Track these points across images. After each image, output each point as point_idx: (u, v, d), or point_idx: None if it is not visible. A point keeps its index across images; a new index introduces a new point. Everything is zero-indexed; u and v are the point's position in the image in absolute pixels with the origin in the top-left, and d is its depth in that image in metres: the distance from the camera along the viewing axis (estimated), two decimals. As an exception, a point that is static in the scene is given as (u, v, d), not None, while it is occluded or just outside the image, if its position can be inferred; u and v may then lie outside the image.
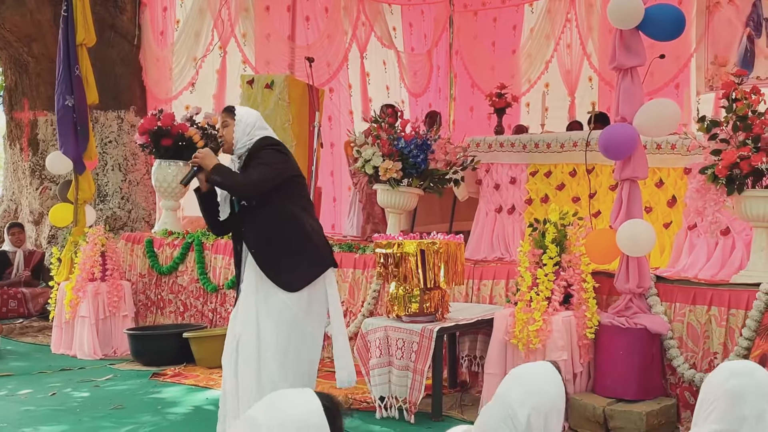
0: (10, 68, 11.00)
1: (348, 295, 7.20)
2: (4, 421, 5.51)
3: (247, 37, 10.31)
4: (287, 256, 4.55)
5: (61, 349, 7.82)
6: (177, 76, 9.87)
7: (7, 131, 11.61)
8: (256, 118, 4.70)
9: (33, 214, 10.93)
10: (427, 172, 7.30)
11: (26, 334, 8.89)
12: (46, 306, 8.95)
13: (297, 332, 4.55)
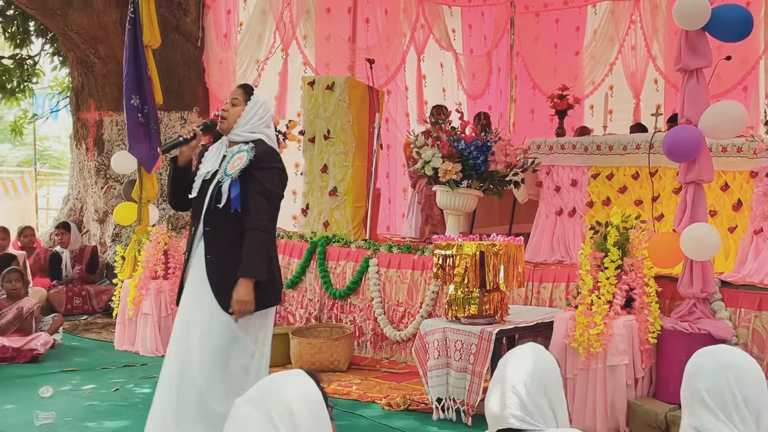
0: (76, 69, 11.22)
1: (407, 296, 7.21)
2: (69, 416, 5.62)
3: (308, 39, 10.38)
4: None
5: (124, 346, 7.95)
6: (240, 78, 9.96)
7: (73, 131, 11.86)
8: (266, 113, 4.48)
9: (98, 212, 11.14)
10: (487, 173, 7.27)
11: (90, 330, 9.06)
12: (109, 303, 9.10)
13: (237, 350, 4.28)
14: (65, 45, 11.27)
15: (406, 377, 6.66)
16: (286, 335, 7.20)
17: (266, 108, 4.50)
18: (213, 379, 4.22)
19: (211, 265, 4.28)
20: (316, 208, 8.34)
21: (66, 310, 9.59)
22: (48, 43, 13.07)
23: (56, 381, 6.62)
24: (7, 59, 13.07)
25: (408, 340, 7.07)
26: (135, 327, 7.91)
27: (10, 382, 6.70)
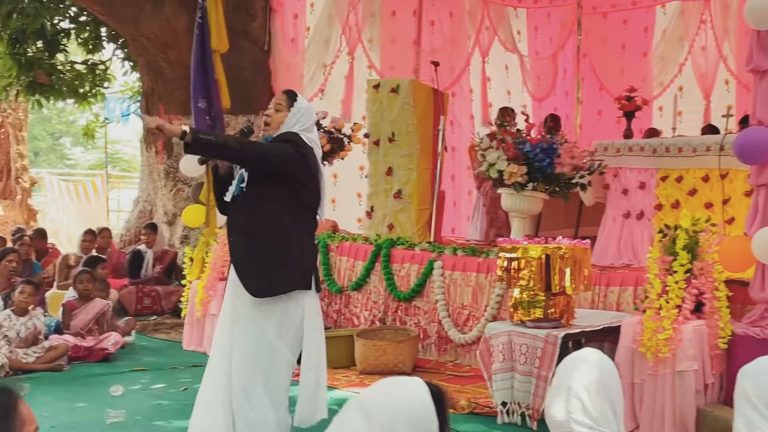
0: (147, 74, 11.44)
1: (471, 299, 7.19)
2: (139, 414, 5.73)
3: (374, 43, 10.42)
4: (261, 260, 4.28)
5: (192, 346, 8.07)
6: (307, 82, 10.04)
7: (143, 135, 12.09)
8: (309, 119, 4.47)
9: (167, 215, 11.34)
10: (553, 176, 7.21)
11: (159, 330, 9.22)
12: (178, 304, 9.25)
13: (266, 348, 4.29)
14: (136, 50, 11.49)
15: (471, 380, 6.64)
16: (351, 337, 7.24)
17: (310, 114, 4.51)
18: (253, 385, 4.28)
19: (233, 248, 4.38)
20: (380, 211, 8.36)
21: (136, 310, 9.77)
22: (119, 49, 13.35)
23: (127, 380, 6.76)
24: (79, 64, 13.39)
25: (472, 343, 7.04)
26: (203, 327, 8.02)
27: (83, 380, 6.87)
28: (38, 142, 40.44)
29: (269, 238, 4.28)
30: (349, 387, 6.57)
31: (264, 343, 4.28)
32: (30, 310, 7.39)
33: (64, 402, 6.13)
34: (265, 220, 4.29)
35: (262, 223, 4.30)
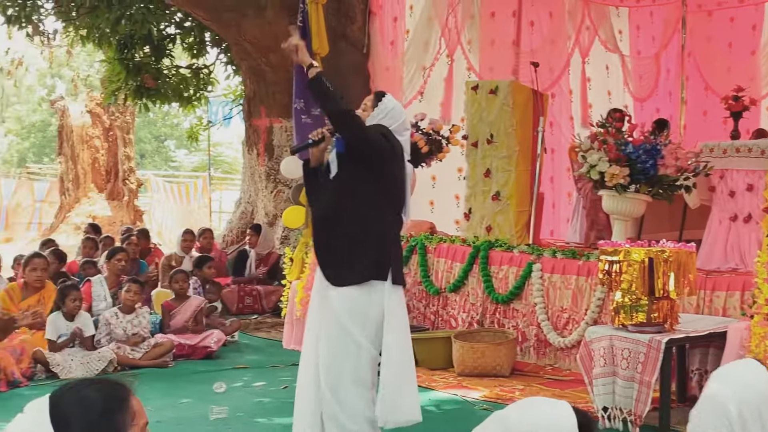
0: (249, 78, 11.67)
1: (571, 302, 7.09)
2: (240, 411, 5.85)
3: (473, 44, 10.39)
4: (340, 248, 4.35)
5: (292, 345, 8.17)
6: (407, 85, 10.06)
7: (246, 137, 12.33)
8: (395, 120, 4.50)
9: (267, 216, 11.54)
10: (656, 178, 7.06)
11: (260, 329, 9.39)
12: (278, 303, 9.40)
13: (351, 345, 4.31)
14: (238, 54, 11.74)
15: (571, 385, 6.55)
16: (448, 339, 7.23)
17: (396, 114, 4.54)
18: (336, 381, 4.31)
19: (316, 236, 4.48)
20: (478, 213, 8.33)
21: (237, 309, 9.99)
22: (222, 53, 13.65)
23: (229, 377, 6.90)
24: (184, 69, 13.73)
25: (572, 347, 6.95)
26: (302, 327, 8.09)
27: (187, 377, 7.05)
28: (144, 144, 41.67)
29: (348, 228, 4.36)
30: (447, 389, 6.57)
31: (348, 340, 4.32)
32: (136, 308, 7.62)
33: (169, 398, 6.30)
34: (346, 210, 4.38)
35: (342, 213, 4.38)
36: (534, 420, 2.04)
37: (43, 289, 7.42)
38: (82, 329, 7.15)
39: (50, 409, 1.96)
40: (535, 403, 2.12)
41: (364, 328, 4.31)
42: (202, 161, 35.63)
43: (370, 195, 4.38)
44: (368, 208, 4.38)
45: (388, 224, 4.49)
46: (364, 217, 4.37)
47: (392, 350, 4.36)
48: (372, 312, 4.33)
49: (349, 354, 4.30)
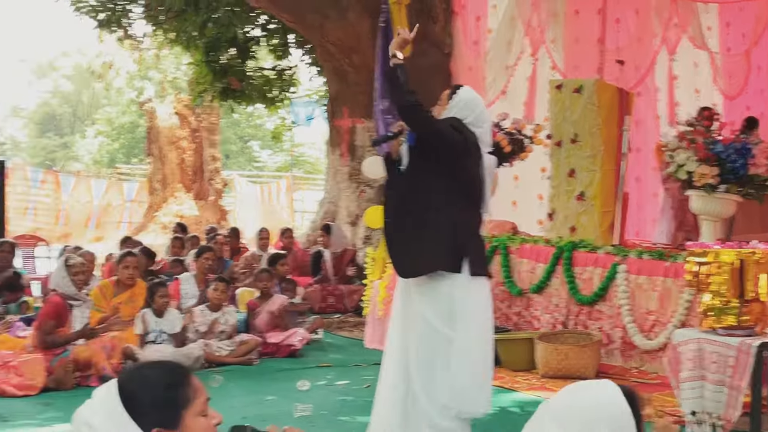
0: (332, 79, 11.78)
1: (658, 305, 6.96)
2: (324, 409, 5.90)
3: (557, 43, 10.29)
4: (409, 239, 4.35)
5: (374, 344, 8.22)
6: (490, 84, 10.03)
7: (328, 137, 12.45)
8: (470, 112, 4.46)
9: (350, 215, 11.62)
10: (747, 177, 6.88)
11: (342, 328, 9.47)
12: (360, 303, 9.47)
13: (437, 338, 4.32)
14: (322, 56, 11.86)
15: (657, 388, 6.43)
16: (531, 340, 7.18)
17: (471, 106, 4.51)
18: (428, 379, 4.31)
19: (387, 228, 4.47)
20: (562, 213, 8.25)
21: (320, 308, 10.09)
22: (306, 55, 13.82)
23: (312, 375, 6.98)
24: (268, 70, 13.95)
25: (659, 349, 6.82)
26: (384, 326, 8.15)
27: (271, 375, 7.15)
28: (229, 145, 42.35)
29: (417, 219, 4.36)
30: (531, 390, 6.52)
31: (437, 337, 4.33)
32: (223, 306, 7.77)
33: (255, 395, 6.40)
34: (415, 202, 4.37)
35: (411, 205, 4.38)
36: (586, 405, 2.04)
37: (135, 286, 7.61)
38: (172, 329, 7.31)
39: (118, 389, 2.10)
40: (581, 387, 2.13)
41: (449, 322, 4.32)
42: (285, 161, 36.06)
43: (440, 188, 4.37)
44: (438, 201, 4.37)
45: (462, 217, 4.45)
46: (433, 209, 4.36)
47: (468, 343, 4.35)
48: (455, 306, 4.33)
49: (439, 351, 4.32)
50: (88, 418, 2.07)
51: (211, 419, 2.19)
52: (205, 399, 2.19)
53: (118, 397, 2.08)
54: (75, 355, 6.58)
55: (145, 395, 2.09)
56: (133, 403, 2.07)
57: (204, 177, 21.11)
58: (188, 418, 2.12)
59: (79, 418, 2.10)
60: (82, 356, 6.59)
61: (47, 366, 6.51)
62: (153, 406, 2.08)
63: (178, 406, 2.12)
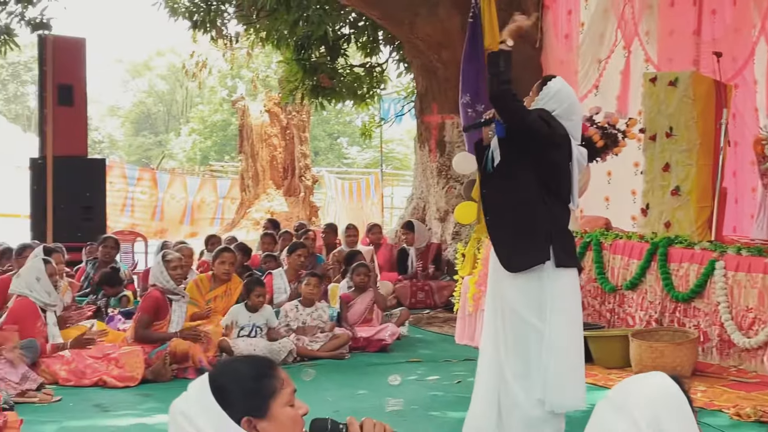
0: (421, 75, 11.79)
1: (757, 302, 6.77)
2: (415, 404, 5.93)
3: (650, 35, 10.08)
4: (510, 235, 4.38)
5: (465, 340, 8.22)
6: (582, 78, 9.89)
7: (417, 134, 12.47)
8: (560, 103, 4.42)
9: (439, 211, 11.62)
10: None
11: (432, 324, 9.49)
12: (450, 298, 9.48)
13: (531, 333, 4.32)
14: (410, 52, 11.88)
15: (757, 387, 6.27)
16: (625, 337, 7.07)
17: (561, 97, 4.46)
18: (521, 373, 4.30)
19: (489, 224, 4.51)
20: (656, 208, 8.09)
21: (410, 304, 10.12)
22: (395, 51, 13.86)
23: (403, 370, 7.02)
24: (358, 67, 14.03)
25: (758, 348, 6.64)
26: (474, 322, 8.15)
27: (362, 369, 7.22)
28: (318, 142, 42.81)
29: (512, 215, 4.39)
30: (624, 388, 6.41)
31: (528, 330, 4.32)
32: (316, 301, 7.86)
33: (346, 388, 6.47)
34: (509, 197, 4.40)
35: (506, 200, 4.42)
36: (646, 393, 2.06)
37: (230, 281, 7.77)
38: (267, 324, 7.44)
39: (210, 382, 2.22)
40: (637, 379, 2.14)
41: (541, 315, 4.31)
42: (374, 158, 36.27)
43: (530, 181, 4.38)
44: (529, 194, 4.38)
45: (551, 209, 4.44)
46: (525, 203, 4.39)
47: (557, 334, 4.32)
48: (544, 298, 4.32)
49: (530, 343, 4.30)
50: (184, 408, 2.20)
51: (297, 409, 2.29)
52: (291, 390, 2.28)
53: (210, 389, 2.19)
54: (172, 348, 6.76)
55: (234, 386, 2.20)
56: (223, 394, 2.18)
57: (294, 174, 21.39)
58: (275, 408, 2.23)
59: (175, 408, 2.22)
60: (179, 349, 6.76)
61: (146, 358, 6.70)
62: (241, 397, 2.19)
63: (266, 396, 2.22)
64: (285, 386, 2.26)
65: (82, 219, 12.38)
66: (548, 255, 4.33)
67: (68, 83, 12.66)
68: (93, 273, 9.47)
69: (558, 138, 4.38)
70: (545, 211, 4.40)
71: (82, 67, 13.04)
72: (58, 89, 12.54)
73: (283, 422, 2.23)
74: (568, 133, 4.42)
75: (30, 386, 6.09)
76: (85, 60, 13.09)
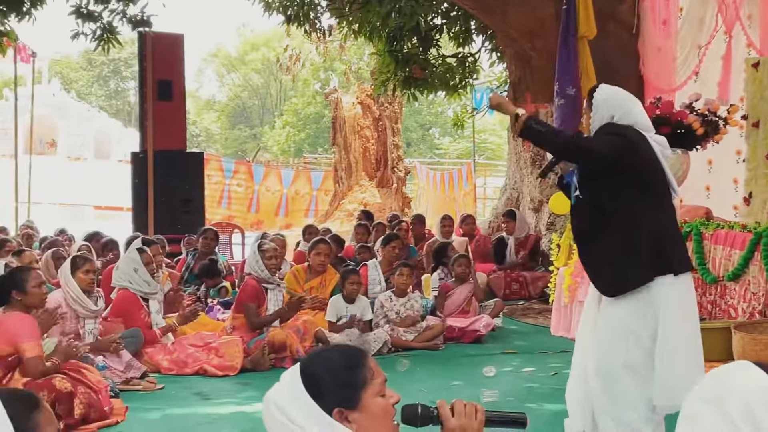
0: (514, 64, 11.69)
1: None
2: (511, 395, 5.91)
3: (753, 19, 9.76)
4: (607, 256, 4.18)
5: (560, 332, 8.14)
6: (681, 65, 9.64)
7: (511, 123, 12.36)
8: (610, 109, 4.26)
9: (533, 202, 11.52)
10: None
11: (527, 315, 9.42)
12: (545, 289, 9.40)
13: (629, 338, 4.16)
14: (503, 41, 11.79)
15: None
16: (728, 329, 6.89)
17: (613, 103, 4.31)
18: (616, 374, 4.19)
19: (580, 253, 4.45)
20: (760, 197, 7.85)
21: (504, 295, 10.07)
22: (487, 40, 13.77)
23: (498, 361, 7.00)
24: (450, 58, 13.99)
25: None
26: (570, 314, 8.07)
27: (457, 360, 7.22)
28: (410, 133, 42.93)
29: (610, 238, 4.22)
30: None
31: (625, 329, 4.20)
32: (409, 291, 7.90)
33: (441, 379, 6.49)
34: (603, 222, 4.23)
35: (596, 227, 4.26)
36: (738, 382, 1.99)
37: (325, 272, 7.87)
38: (362, 315, 7.52)
39: (301, 372, 2.23)
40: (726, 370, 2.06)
41: (644, 320, 4.18)
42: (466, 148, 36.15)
43: (621, 199, 4.22)
44: (624, 213, 4.21)
45: (653, 218, 4.25)
46: (621, 223, 4.21)
47: (667, 339, 4.18)
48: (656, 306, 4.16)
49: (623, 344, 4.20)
50: (277, 399, 2.22)
51: (388, 398, 2.29)
52: (382, 380, 2.28)
53: (301, 380, 2.21)
54: (270, 338, 6.89)
55: (326, 377, 2.21)
56: (314, 385, 2.19)
57: (387, 165, 21.48)
58: (367, 399, 2.23)
59: (268, 399, 2.25)
60: (276, 339, 6.89)
61: (245, 348, 6.85)
62: (333, 388, 2.20)
63: (357, 387, 2.22)
64: (376, 376, 2.27)
65: (181, 211, 12.66)
66: (666, 267, 4.18)
67: (167, 79, 12.94)
68: (193, 264, 9.70)
69: (632, 143, 4.22)
70: (645, 222, 4.21)
71: (181, 62, 13.32)
72: (158, 85, 12.83)
73: (374, 412, 2.23)
74: (638, 131, 4.29)
75: (134, 374, 6.29)
76: (183, 56, 13.37)
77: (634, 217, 4.19)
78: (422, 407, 2.32)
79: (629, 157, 4.18)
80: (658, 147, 4.32)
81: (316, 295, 7.63)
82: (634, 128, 4.26)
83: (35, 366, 5.08)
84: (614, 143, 4.19)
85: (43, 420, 2.00)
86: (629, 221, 4.19)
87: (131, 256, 7.08)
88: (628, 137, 4.20)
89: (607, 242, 4.23)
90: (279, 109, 51.59)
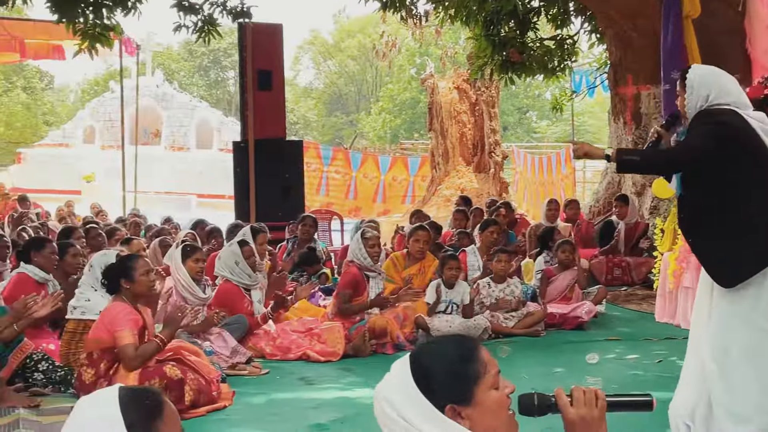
0: (614, 45, 11.46)
1: None
2: (614, 383, 5.81)
3: None
4: (719, 247, 4.03)
5: (665, 318, 7.98)
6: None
7: (611, 106, 12.14)
8: (706, 90, 4.08)
9: (635, 185, 11.30)
10: None
11: (630, 301, 9.25)
12: (648, 275, 9.21)
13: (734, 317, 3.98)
14: (603, 22, 11.57)
15: None
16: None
17: (707, 82, 4.13)
18: (732, 365, 4.05)
19: (692, 246, 4.27)
20: None
21: (606, 280, 9.91)
22: (586, 22, 13.53)
23: (601, 348, 6.90)
24: (548, 40, 13.79)
25: None
26: (675, 300, 7.89)
27: (559, 347, 7.15)
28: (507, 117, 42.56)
29: (719, 230, 4.09)
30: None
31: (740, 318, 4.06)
32: (507, 277, 7.85)
33: (543, 366, 6.44)
34: (710, 215, 4.11)
35: (707, 219, 4.13)
36: None
37: (424, 259, 7.88)
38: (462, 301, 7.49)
39: (410, 363, 2.16)
40: None
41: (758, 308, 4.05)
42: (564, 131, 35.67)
43: (727, 188, 4.08)
44: (731, 200, 4.07)
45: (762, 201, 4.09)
46: (729, 213, 4.07)
47: None
48: None
49: (740, 333, 4.06)
50: (387, 394, 2.15)
51: (503, 389, 2.19)
52: (496, 371, 2.18)
53: (411, 376, 2.13)
54: (371, 324, 6.95)
55: (437, 373, 2.13)
56: (425, 381, 2.11)
57: (484, 150, 21.35)
58: (480, 393, 2.13)
59: (379, 394, 2.18)
60: (377, 325, 6.95)
61: (346, 334, 6.92)
62: (445, 383, 2.12)
63: (470, 382, 2.13)
64: (489, 369, 2.16)
65: (282, 199, 12.83)
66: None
67: (267, 69, 13.11)
68: (293, 251, 9.84)
69: (731, 127, 4.05)
70: (757, 208, 4.06)
71: (280, 52, 13.49)
72: (258, 75, 13.02)
73: (489, 407, 2.14)
74: (735, 111, 4.10)
75: (240, 359, 6.43)
76: (282, 45, 13.54)
77: (742, 205, 4.06)
78: (539, 396, 2.24)
79: (730, 147, 4.04)
80: (758, 123, 4.15)
81: (411, 286, 7.61)
82: (731, 108, 4.10)
83: (127, 354, 5.12)
84: (703, 137, 4.08)
85: (165, 428, 1.91)
86: (737, 212, 4.06)
87: (233, 249, 7.17)
88: (726, 125, 4.06)
89: (716, 233, 4.11)
90: (375, 96, 51.80)
